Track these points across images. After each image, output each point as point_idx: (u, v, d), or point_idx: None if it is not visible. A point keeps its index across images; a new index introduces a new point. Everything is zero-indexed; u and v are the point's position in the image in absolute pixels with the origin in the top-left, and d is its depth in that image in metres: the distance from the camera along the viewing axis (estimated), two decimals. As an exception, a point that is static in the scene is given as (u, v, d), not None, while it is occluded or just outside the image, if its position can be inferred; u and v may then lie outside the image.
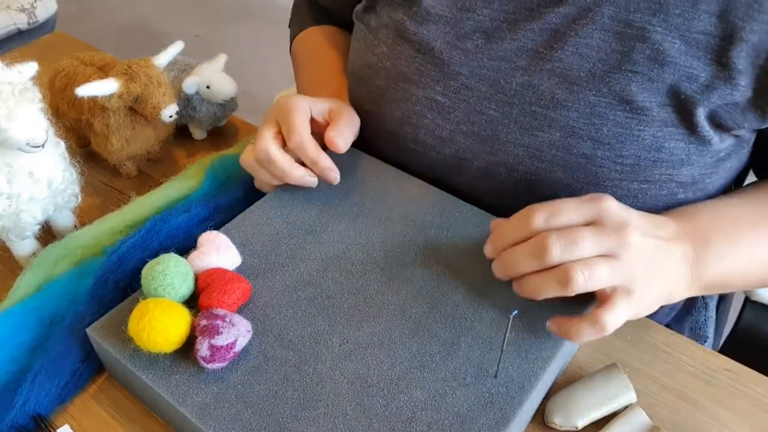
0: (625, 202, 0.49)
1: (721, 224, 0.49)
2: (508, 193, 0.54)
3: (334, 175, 0.53)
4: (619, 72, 0.47)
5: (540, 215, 0.43)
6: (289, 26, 0.79)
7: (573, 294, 0.41)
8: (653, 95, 0.47)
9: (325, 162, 0.52)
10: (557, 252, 0.41)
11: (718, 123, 0.48)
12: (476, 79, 0.52)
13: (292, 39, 0.77)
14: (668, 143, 0.48)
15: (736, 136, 0.50)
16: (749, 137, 0.52)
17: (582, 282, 0.41)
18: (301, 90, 0.70)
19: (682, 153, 0.49)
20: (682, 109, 0.47)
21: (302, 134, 0.51)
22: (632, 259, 0.42)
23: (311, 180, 0.53)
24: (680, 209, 0.50)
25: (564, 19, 0.49)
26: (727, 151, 0.51)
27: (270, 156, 0.51)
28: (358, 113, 0.59)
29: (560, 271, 0.41)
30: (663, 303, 0.46)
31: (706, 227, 0.48)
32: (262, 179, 0.54)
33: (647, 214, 0.46)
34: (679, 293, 0.47)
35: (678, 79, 0.46)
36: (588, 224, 0.43)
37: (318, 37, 0.72)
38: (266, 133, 0.52)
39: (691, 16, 0.45)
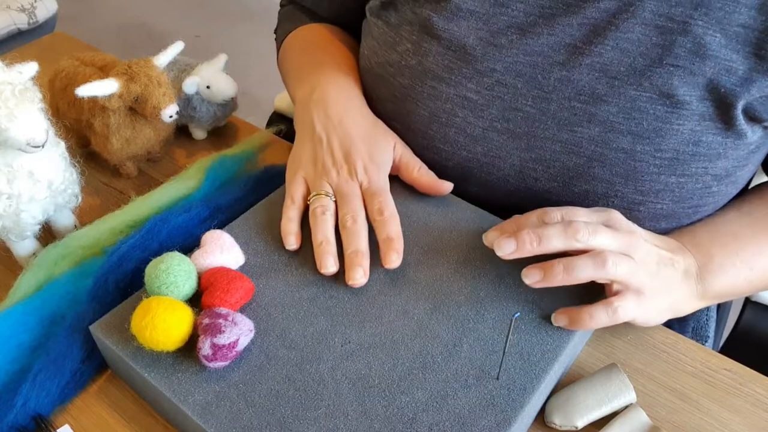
0: (662, 197, 0.50)
1: (720, 239, 0.50)
2: (542, 189, 0.53)
3: (396, 263, 0.49)
4: (660, 66, 0.47)
5: (557, 213, 0.46)
6: (275, 31, 0.75)
7: (602, 279, 0.44)
8: (693, 89, 0.47)
9: (400, 245, 0.50)
10: (586, 235, 0.44)
11: (752, 116, 0.49)
12: (512, 75, 0.51)
13: (282, 39, 0.72)
14: (706, 137, 0.48)
15: (765, 128, 0.51)
16: None
17: (612, 269, 0.43)
18: (297, 73, 0.64)
19: (720, 147, 0.49)
20: (721, 103, 0.47)
21: (393, 212, 0.51)
22: (642, 263, 0.44)
23: (362, 278, 0.48)
24: (679, 228, 0.52)
25: (604, 14, 0.48)
26: (757, 143, 0.51)
27: (359, 237, 0.49)
28: (379, 113, 0.58)
29: (597, 255, 0.44)
30: (670, 316, 0.48)
31: (707, 242, 0.50)
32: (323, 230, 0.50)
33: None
34: (686, 307, 0.49)
35: (717, 72, 0.47)
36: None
37: (321, 29, 0.69)
38: (361, 210, 0.51)
39: (732, 9, 0.46)
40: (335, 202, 0.52)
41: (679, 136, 0.48)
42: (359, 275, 0.47)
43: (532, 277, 0.45)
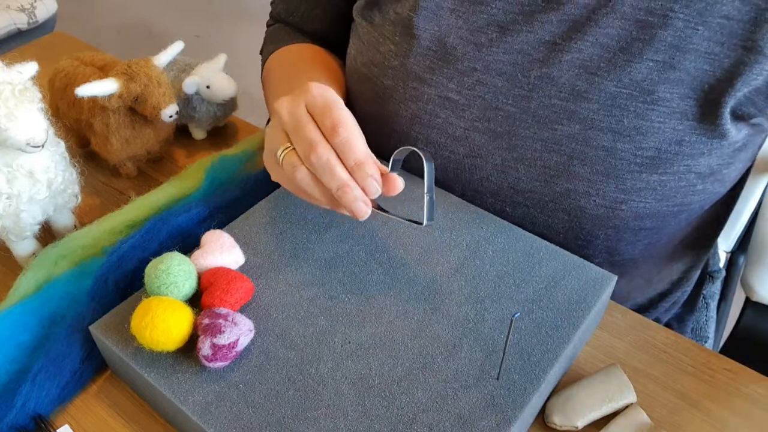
0: (644, 195, 0.50)
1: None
2: (525, 188, 0.53)
3: (376, 187, 0.43)
4: (640, 61, 0.47)
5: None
6: (261, 52, 0.72)
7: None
8: (675, 86, 0.47)
9: (373, 168, 0.43)
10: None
11: (738, 114, 0.48)
12: (492, 74, 0.51)
13: (266, 58, 0.68)
14: (688, 136, 0.48)
15: (753, 125, 0.50)
16: (767, 125, 0.51)
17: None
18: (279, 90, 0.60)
19: (704, 147, 0.48)
20: (705, 101, 0.47)
21: (353, 128, 0.43)
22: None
23: (364, 209, 0.43)
24: None
25: (583, 10, 0.48)
26: (743, 141, 0.50)
27: (333, 168, 0.43)
28: (362, 113, 0.58)
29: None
30: None
31: None
32: (314, 195, 0.45)
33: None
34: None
35: (700, 66, 0.46)
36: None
37: (302, 51, 0.66)
38: (315, 136, 0.43)
39: (714, 0, 0.45)
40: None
41: (660, 135, 0.48)
42: (359, 206, 0.42)
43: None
